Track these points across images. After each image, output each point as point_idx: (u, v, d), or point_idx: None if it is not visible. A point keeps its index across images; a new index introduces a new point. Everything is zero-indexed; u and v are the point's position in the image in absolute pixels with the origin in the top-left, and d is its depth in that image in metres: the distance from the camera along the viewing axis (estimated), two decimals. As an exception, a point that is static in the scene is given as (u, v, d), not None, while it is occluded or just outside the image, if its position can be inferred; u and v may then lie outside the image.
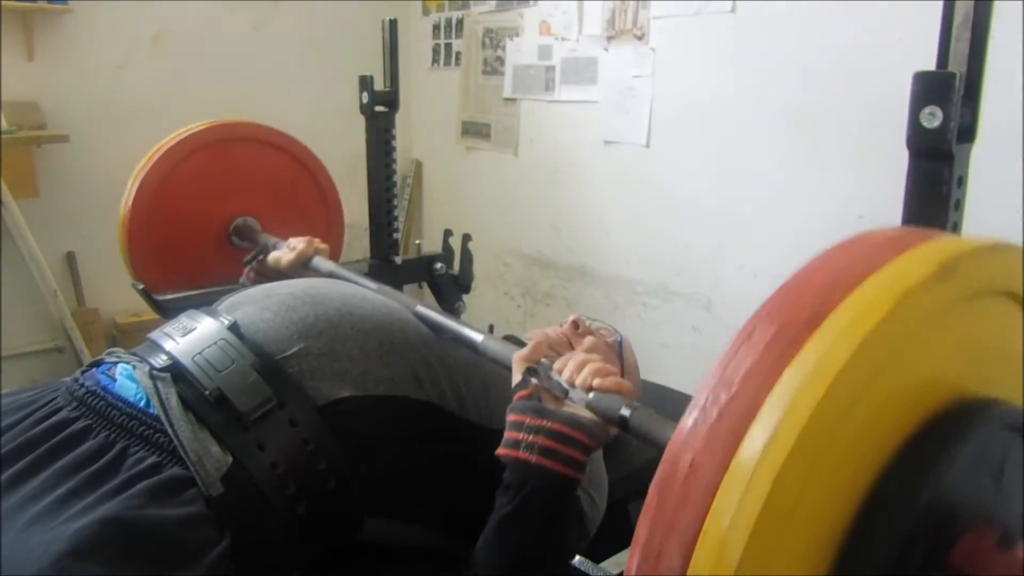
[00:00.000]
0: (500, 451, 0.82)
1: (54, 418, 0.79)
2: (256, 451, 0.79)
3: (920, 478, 0.48)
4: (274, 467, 0.80)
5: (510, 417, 0.84)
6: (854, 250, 0.53)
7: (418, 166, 3.70)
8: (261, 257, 1.45)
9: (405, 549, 0.95)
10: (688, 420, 0.48)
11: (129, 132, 2.83)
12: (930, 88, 0.75)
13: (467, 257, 1.88)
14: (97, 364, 0.88)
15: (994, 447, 0.53)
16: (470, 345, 1.00)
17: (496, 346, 0.97)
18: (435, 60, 3.52)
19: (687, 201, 2.55)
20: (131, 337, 2.85)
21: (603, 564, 1.15)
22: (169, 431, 0.77)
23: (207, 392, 0.81)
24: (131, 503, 0.70)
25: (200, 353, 0.84)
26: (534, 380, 0.86)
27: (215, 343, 0.86)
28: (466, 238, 1.87)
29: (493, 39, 3.21)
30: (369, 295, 1.01)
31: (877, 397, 0.47)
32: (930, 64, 0.76)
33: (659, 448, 0.73)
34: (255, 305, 0.93)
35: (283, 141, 1.85)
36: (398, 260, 1.90)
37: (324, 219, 1.91)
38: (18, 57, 2.67)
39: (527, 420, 0.81)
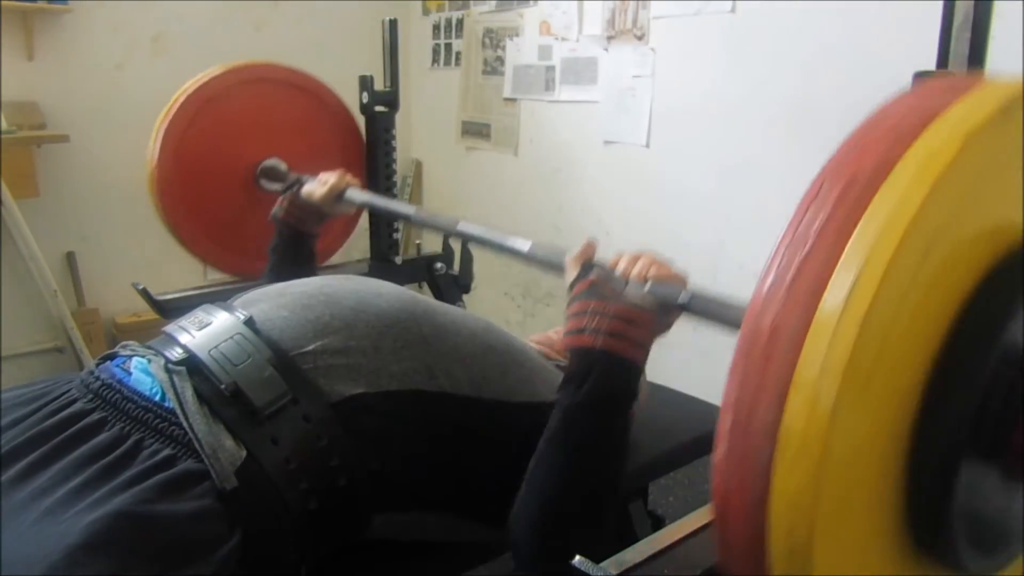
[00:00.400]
0: (563, 341, 0.84)
1: (68, 410, 0.78)
2: (270, 445, 0.80)
3: (996, 322, 0.49)
4: (287, 462, 0.80)
5: (572, 308, 0.86)
6: (912, 99, 0.52)
7: (418, 166, 3.70)
8: (295, 188, 1.45)
9: (413, 545, 0.95)
10: (765, 283, 0.48)
11: (129, 132, 2.83)
12: (931, 87, 0.74)
13: (467, 257, 1.88)
14: (111, 357, 0.88)
15: None
16: (516, 253, 1.02)
17: (545, 250, 1.00)
18: (435, 60, 3.52)
19: (687, 201, 2.55)
20: (131, 337, 2.83)
21: (603, 564, 1.15)
22: (184, 424, 0.77)
23: (223, 386, 0.81)
24: (143, 497, 0.70)
25: (216, 347, 0.84)
26: (592, 274, 0.88)
27: (231, 337, 0.86)
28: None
29: (493, 39, 3.21)
30: (384, 289, 1.01)
31: (951, 241, 0.47)
32: (930, 64, 0.76)
33: (724, 326, 0.75)
34: (271, 302, 0.93)
35: (301, 80, 1.83)
36: (398, 260, 1.90)
37: (344, 156, 1.86)
38: (18, 57, 2.67)
39: (591, 306, 0.83)
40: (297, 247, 1.44)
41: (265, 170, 1.74)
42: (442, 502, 0.94)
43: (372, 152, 1.86)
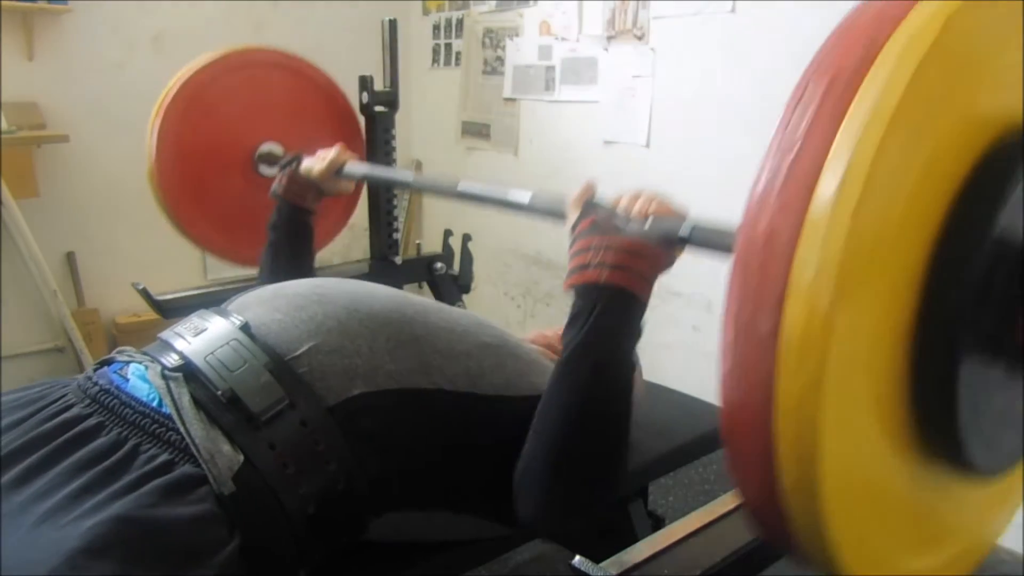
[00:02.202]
0: (567, 281, 0.83)
1: (65, 415, 0.78)
2: (267, 450, 0.80)
3: (989, 209, 0.47)
4: (285, 467, 0.80)
5: (575, 246, 0.85)
6: None
7: (418, 166, 3.70)
8: (294, 164, 1.45)
9: (411, 546, 0.95)
10: (757, 188, 0.48)
11: (129, 132, 2.83)
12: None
13: (467, 257, 1.88)
14: (108, 363, 0.88)
15: None
16: (518, 206, 1.04)
17: (545, 197, 1.01)
18: (435, 60, 3.52)
19: (687, 201, 2.54)
20: (131, 337, 2.85)
21: (603, 564, 1.15)
22: (181, 429, 0.77)
23: (219, 392, 0.81)
24: (143, 501, 0.70)
25: (212, 353, 0.84)
26: (593, 213, 0.88)
27: (227, 343, 0.86)
28: (466, 238, 1.87)
29: (493, 39, 3.21)
30: (377, 289, 1.01)
31: (943, 127, 0.46)
32: (930, 64, 0.76)
33: (727, 253, 0.72)
34: (265, 306, 0.93)
35: (297, 64, 1.82)
36: (398, 260, 1.90)
37: (341, 135, 1.81)
38: (18, 57, 2.67)
39: (594, 241, 0.83)
40: (296, 224, 1.43)
41: (263, 155, 1.75)
42: (442, 500, 0.94)
43: (372, 152, 1.86)
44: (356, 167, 1.43)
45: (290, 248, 1.41)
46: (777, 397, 0.44)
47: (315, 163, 1.41)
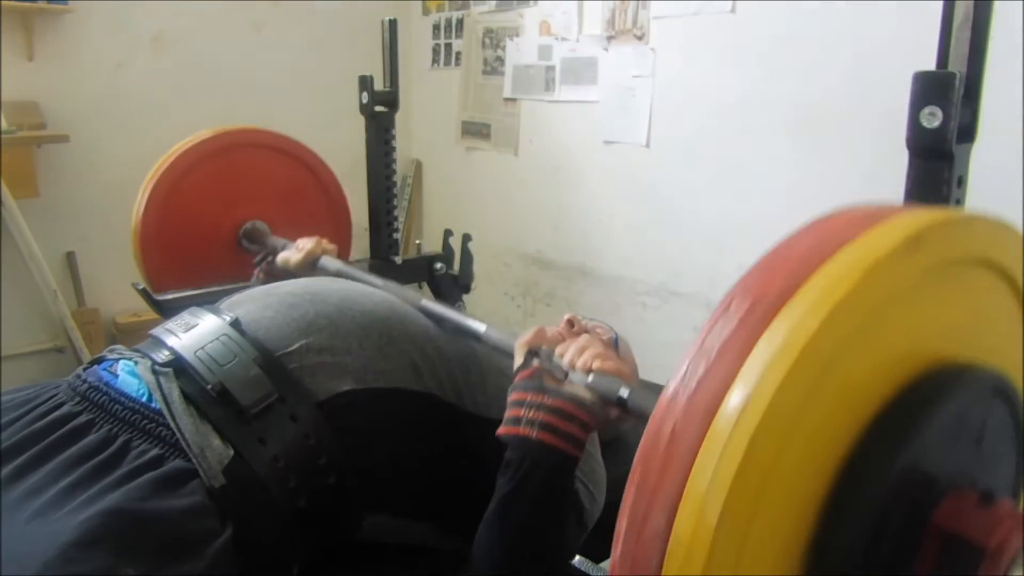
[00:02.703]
0: (501, 429, 0.83)
1: (56, 413, 0.79)
2: (257, 445, 0.80)
3: (894, 446, 0.49)
4: (275, 460, 0.80)
5: (512, 396, 0.85)
6: (828, 226, 0.54)
7: (418, 166, 3.70)
8: (270, 259, 1.47)
9: (403, 548, 0.95)
10: (669, 390, 0.50)
11: (129, 132, 2.84)
12: (930, 88, 0.75)
13: (467, 257, 1.88)
14: (99, 361, 0.88)
15: (973, 411, 0.54)
16: (473, 335, 1.03)
17: (498, 335, 1.02)
18: (435, 60, 3.52)
19: (687, 201, 2.55)
20: (131, 337, 2.85)
21: (603, 564, 1.15)
22: (171, 424, 0.77)
23: (209, 386, 0.81)
24: (135, 494, 0.71)
25: (202, 348, 0.85)
26: (535, 361, 0.88)
27: (217, 338, 0.86)
28: (466, 238, 1.87)
29: (493, 39, 3.21)
30: (368, 290, 1.02)
31: (850, 366, 0.49)
32: (930, 64, 0.76)
33: None
34: (256, 303, 0.94)
35: (287, 145, 1.87)
36: (398, 260, 1.90)
37: (331, 220, 1.92)
38: (18, 57, 2.67)
39: (529, 397, 0.83)
40: None
41: (247, 232, 1.78)
42: (429, 507, 0.94)
43: (372, 152, 1.87)
44: (330, 263, 1.43)
45: None
46: None
47: (292, 254, 1.43)
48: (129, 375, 0.83)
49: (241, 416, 0.81)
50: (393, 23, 1.84)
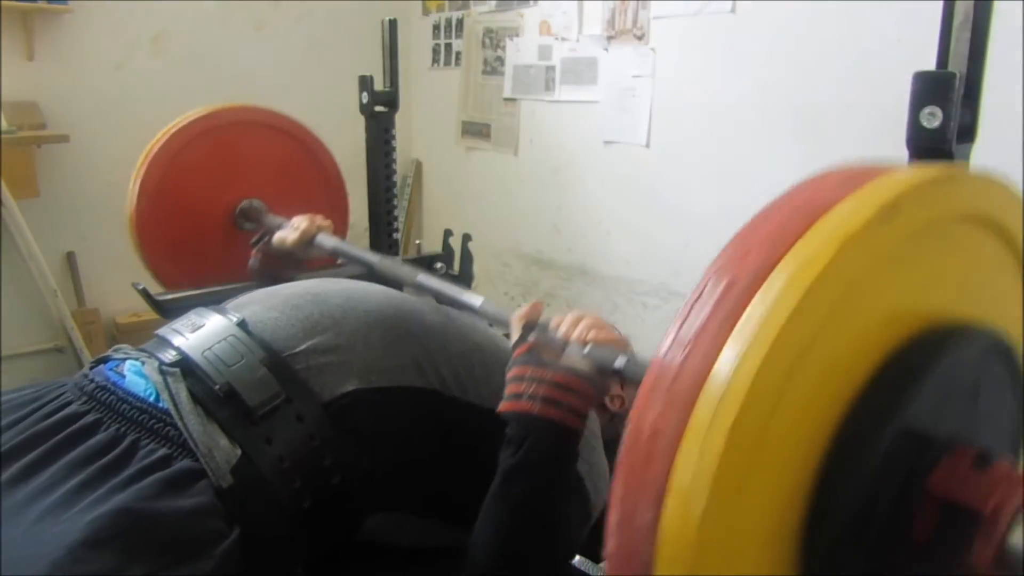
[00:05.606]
0: (503, 406, 0.83)
1: (63, 412, 0.79)
2: (264, 445, 0.80)
3: (882, 414, 0.48)
4: (281, 461, 0.80)
5: (511, 372, 0.85)
6: (803, 195, 0.53)
7: (418, 166, 3.70)
8: (267, 239, 1.46)
9: (403, 548, 0.96)
10: (647, 382, 0.49)
11: (129, 132, 2.82)
12: (930, 88, 0.74)
13: (467, 257, 1.87)
14: (104, 361, 0.88)
15: (966, 370, 0.53)
16: (469, 308, 1.05)
17: (494, 308, 1.03)
18: (435, 60, 3.52)
19: (687, 201, 2.55)
20: (131, 337, 2.85)
21: (603, 564, 1.15)
22: (179, 424, 0.77)
23: (216, 387, 0.81)
24: (143, 494, 0.71)
25: (210, 348, 0.85)
26: (532, 335, 0.88)
27: (224, 339, 0.86)
28: (466, 238, 1.87)
29: (493, 39, 3.21)
30: (371, 288, 1.02)
31: (832, 341, 0.47)
32: (930, 64, 0.76)
33: None
34: (262, 304, 0.95)
35: (280, 122, 1.84)
36: (398, 260, 1.90)
37: (326, 196, 1.89)
38: (18, 57, 2.67)
39: (528, 372, 0.83)
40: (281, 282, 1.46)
41: (244, 211, 1.76)
42: (432, 505, 0.94)
43: (372, 152, 1.86)
44: (326, 240, 1.43)
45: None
46: None
47: (288, 233, 1.42)
48: (136, 375, 0.83)
49: (248, 416, 0.81)
50: (393, 23, 1.84)
